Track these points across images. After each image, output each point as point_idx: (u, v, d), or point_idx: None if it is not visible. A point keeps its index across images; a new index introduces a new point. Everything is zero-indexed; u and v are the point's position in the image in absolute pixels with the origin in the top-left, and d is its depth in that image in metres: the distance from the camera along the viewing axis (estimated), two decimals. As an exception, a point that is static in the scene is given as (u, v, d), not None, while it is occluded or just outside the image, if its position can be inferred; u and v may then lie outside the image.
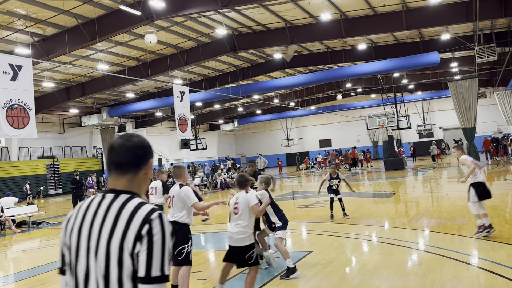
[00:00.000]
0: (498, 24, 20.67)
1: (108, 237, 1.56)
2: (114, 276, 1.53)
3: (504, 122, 32.06)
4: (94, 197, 1.70)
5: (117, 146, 1.72)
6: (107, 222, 1.58)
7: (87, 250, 1.60)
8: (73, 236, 1.67)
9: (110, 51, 20.50)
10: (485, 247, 6.37)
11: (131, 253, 1.52)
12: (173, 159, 41.51)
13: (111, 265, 1.53)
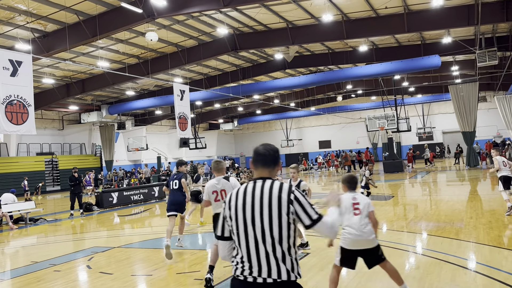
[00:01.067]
0: (499, 29, 20.66)
1: (268, 206, 2.36)
2: (275, 231, 2.33)
3: (504, 127, 32.01)
4: (247, 184, 2.49)
5: (263, 151, 2.57)
6: (264, 197, 2.38)
7: (252, 218, 2.37)
8: (238, 211, 2.42)
9: (110, 48, 20.47)
10: (483, 252, 6.35)
11: (287, 212, 2.35)
12: (172, 158, 41.47)
13: (273, 223, 2.34)
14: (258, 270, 2.33)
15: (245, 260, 2.38)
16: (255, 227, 2.36)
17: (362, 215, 4.40)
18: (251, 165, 2.60)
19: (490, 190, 14.49)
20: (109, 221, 13.63)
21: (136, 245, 9.15)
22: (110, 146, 32.57)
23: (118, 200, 17.62)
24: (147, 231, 11.20)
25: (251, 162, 2.60)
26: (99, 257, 8.03)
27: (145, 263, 7.42)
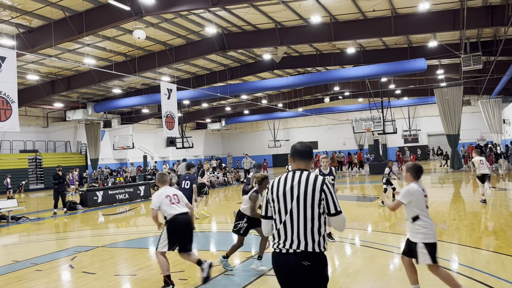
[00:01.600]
0: (484, 33, 20.99)
1: (304, 192, 2.86)
2: (308, 213, 2.84)
3: (487, 130, 32.62)
4: (288, 173, 2.98)
5: (300, 147, 3.06)
6: (301, 185, 2.88)
7: (290, 201, 2.88)
8: (280, 195, 2.93)
9: (97, 45, 20.25)
10: (465, 253, 6.45)
11: (318, 200, 2.85)
12: (158, 157, 41.22)
13: (307, 207, 2.84)
14: (290, 242, 2.84)
15: (281, 234, 2.90)
16: (292, 209, 2.87)
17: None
18: (289, 159, 3.11)
19: (473, 192, 14.71)
20: (93, 220, 13.48)
21: (121, 244, 9.06)
22: (96, 145, 32.21)
23: (103, 199, 17.44)
24: (132, 231, 11.10)
25: (290, 156, 3.11)
26: (82, 256, 7.93)
27: (129, 263, 7.36)
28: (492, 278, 5.16)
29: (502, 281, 5.05)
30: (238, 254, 7.43)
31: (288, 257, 2.83)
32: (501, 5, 16.37)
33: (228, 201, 16.68)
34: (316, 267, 2.80)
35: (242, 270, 6.38)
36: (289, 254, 2.83)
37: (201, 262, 5.65)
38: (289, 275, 2.86)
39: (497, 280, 5.07)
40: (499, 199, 12.56)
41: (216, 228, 10.75)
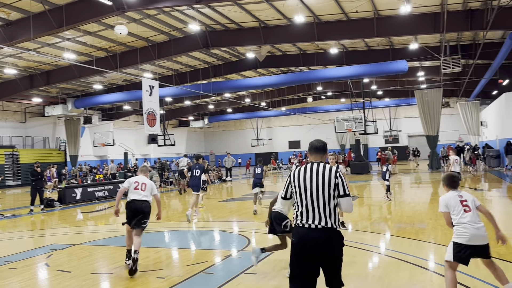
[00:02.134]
0: (463, 37, 21.41)
1: (322, 179, 3.42)
2: (326, 195, 3.39)
3: (465, 132, 33.30)
4: (307, 164, 3.57)
5: (317, 144, 3.66)
6: (319, 173, 3.46)
7: (310, 186, 3.43)
8: (300, 180, 3.50)
9: (78, 40, 19.91)
10: (440, 252, 6.55)
11: (334, 185, 3.41)
12: (139, 154, 40.80)
13: (325, 190, 3.39)
14: (312, 219, 3.38)
15: (304, 213, 3.43)
16: (312, 192, 3.42)
17: (473, 211, 4.42)
18: (308, 153, 3.73)
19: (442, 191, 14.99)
20: (71, 218, 13.25)
21: (99, 242, 8.94)
22: (75, 141, 31.70)
23: (82, 196, 17.17)
24: (111, 228, 10.96)
25: (308, 150, 3.74)
26: (58, 254, 7.79)
27: (107, 260, 7.26)
28: (466, 276, 5.26)
29: (475, 279, 5.15)
30: (220, 253, 7.41)
31: (312, 232, 3.35)
32: (480, 10, 16.71)
33: (210, 199, 16.60)
34: (336, 240, 3.39)
35: (221, 268, 6.36)
36: (313, 229, 3.35)
37: (131, 253, 6.44)
38: (313, 246, 3.32)
39: (471, 279, 5.18)
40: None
41: (195, 226, 10.69)
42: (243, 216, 11.63)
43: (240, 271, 6.03)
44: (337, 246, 3.40)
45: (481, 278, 5.19)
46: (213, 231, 9.74)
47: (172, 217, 12.35)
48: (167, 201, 16.93)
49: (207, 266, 6.39)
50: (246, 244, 7.88)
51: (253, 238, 8.42)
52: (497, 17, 14.99)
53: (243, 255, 7.04)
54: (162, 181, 24.63)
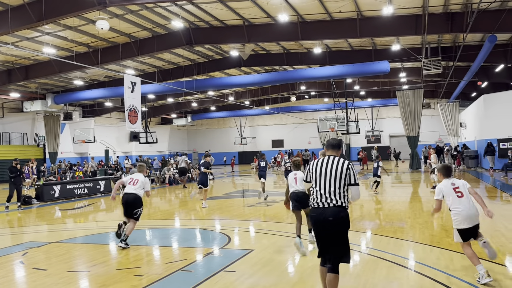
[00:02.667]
0: (444, 39, 21.76)
1: (335, 169, 4.22)
2: (337, 183, 4.19)
3: (445, 133, 33.88)
4: (324, 157, 4.40)
5: (332, 141, 4.51)
6: (334, 165, 4.26)
7: (325, 175, 4.25)
8: (317, 170, 4.32)
9: (58, 34, 19.53)
10: (417, 250, 6.66)
11: (345, 175, 4.22)
12: (121, 152, 40.32)
13: (337, 178, 4.20)
14: (325, 199, 4.23)
15: (319, 196, 4.27)
16: (326, 179, 4.27)
17: (466, 195, 5.08)
18: (325, 148, 4.63)
19: (429, 191, 15.23)
20: (49, 215, 13.00)
21: (77, 240, 8.79)
22: (55, 137, 31.13)
23: (61, 194, 16.87)
24: (90, 226, 10.80)
25: (326, 147, 4.60)
26: (34, 252, 7.64)
27: (84, 258, 7.15)
28: (440, 273, 5.35)
29: (450, 276, 5.24)
30: (200, 251, 7.37)
31: (325, 209, 4.20)
32: (461, 12, 17.02)
33: (188, 198, 16.51)
34: (343, 214, 4.21)
35: (200, 266, 6.32)
36: (326, 208, 4.21)
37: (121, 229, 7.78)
38: (326, 220, 4.17)
39: (446, 276, 5.26)
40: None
41: (179, 224, 10.62)
42: (224, 214, 11.60)
43: (219, 268, 6.00)
44: (342, 221, 4.19)
45: (455, 275, 5.28)
46: (193, 229, 9.69)
47: (154, 215, 12.24)
48: (148, 199, 16.76)
49: (186, 264, 6.34)
50: (227, 242, 7.86)
51: (235, 236, 8.39)
52: (477, 20, 15.28)
53: (223, 253, 7.02)
54: (144, 178, 24.37)
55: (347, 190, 4.28)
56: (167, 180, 23.19)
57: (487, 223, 8.66)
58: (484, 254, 5.47)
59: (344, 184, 4.23)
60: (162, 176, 23.87)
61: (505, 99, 23.21)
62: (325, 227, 4.18)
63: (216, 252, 7.13)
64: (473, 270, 5.18)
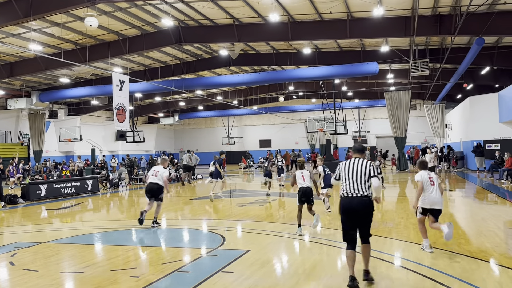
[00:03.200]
0: (432, 41, 22.01)
1: (360, 168, 5.30)
2: (363, 178, 5.25)
3: (431, 134, 34.30)
4: (351, 159, 5.47)
5: (358, 146, 5.65)
6: (359, 164, 5.35)
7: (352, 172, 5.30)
8: (346, 169, 5.38)
9: (44, 31, 19.16)
10: (414, 250, 6.68)
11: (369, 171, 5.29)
12: (107, 151, 39.81)
13: (362, 175, 5.26)
14: (353, 191, 5.21)
15: (348, 188, 5.25)
16: (354, 175, 5.27)
17: (436, 185, 6.56)
18: (351, 152, 5.75)
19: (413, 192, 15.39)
20: (36, 215, 12.73)
21: (66, 240, 8.61)
22: (40, 136, 30.55)
23: (47, 193, 16.55)
24: (78, 226, 10.60)
25: (352, 150, 5.70)
26: (23, 253, 7.45)
27: (76, 259, 6.98)
28: (440, 274, 5.37)
29: (450, 277, 5.26)
30: (196, 251, 7.28)
31: (353, 199, 5.21)
32: (449, 15, 17.21)
33: (180, 197, 16.38)
34: (369, 202, 5.20)
35: (196, 267, 6.23)
36: (354, 197, 5.21)
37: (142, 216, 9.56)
38: (354, 207, 5.19)
39: (445, 277, 5.28)
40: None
41: (171, 224, 10.49)
42: (216, 214, 11.51)
43: (217, 269, 5.92)
44: (368, 207, 5.19)
45: (455, 276, 5.30)
46: (186, 229, 9.58)
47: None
48: (135, 199, 16.57)
49: (182, 265, 6.26)
50: (222, 242, 7.78)
51: (229, 237, 8.31)
52: (465, 23, 15.48)
53: (219, 253, 6.94)
54: (131, 178, 24.09)
55: (369, 185, 5.28)
56: (155, 179, 22.91)
57: (480, 224, 8.77)
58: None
59: (367, 179, 5.26)
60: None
61: (491, 101, 23.60)
62: (354, 213, 5.21)
63: (211, 252, 7.04)
64: (473, 272, 5.21)
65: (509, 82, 24.12)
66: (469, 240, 7.37)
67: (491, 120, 23.43)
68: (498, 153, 20.86)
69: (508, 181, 17.00)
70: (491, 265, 5.83)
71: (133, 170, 24.74)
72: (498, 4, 15.73)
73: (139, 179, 23.70)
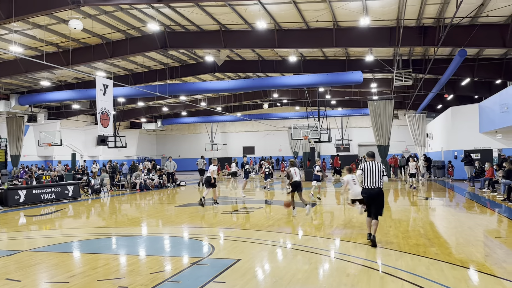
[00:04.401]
0: (415, 52, 22.39)
1: (376, 168, 7.88)
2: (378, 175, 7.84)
3: (412, 143, 34.83)
4: (368, 162, 8.05)
5: (370, 153, 8.41)
6: (375, 166, 7.91)
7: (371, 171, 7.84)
8: (368, 169, 7.88)
9: (26, 33, 18.75)
10: (406, 260, 6.66)
11: (382, 170, 7.96)
12: (88, 156, 39.07)
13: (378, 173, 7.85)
14: (373, 184, 7.72)
15: (369, 182, 7.74)
16: (372, 173, 7.75)
17: (357, 184, 8.87)
18: (367, 157, 8.23)
19: (402, 200, 15.52)
20: (14, 222, 12.31)
21: (48, 248, 8.31)
22: (18, 140, 29.81)
23: (26, 199, 16.07)
24: (60, 234, 10.28)
25: (367, 156, 8.27)
26: (4, 261, 7.15)
27: (60, 268, 6.73)
28: (435, 285, 5.35)
29: (443, 287, 5.24)
30: (185, 260, 7.11)
31: (372, 189, 7.67)
32: (433, 27, 17.55)
33: (163, 205, 16.12)
34: (381, 192, 7.69)
35: (188, 276, 6.07)
36: (373, 188, 7.66)
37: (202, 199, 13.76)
38: (373, 195, 7.69)
39: (439, 286, 5.27)
40: (427, 207, 13.37)
41: (157, 232, 10.27)
42: (203, 222, 11.34)
43: (208, 279, 5.78)
44: (382, 195, 7.77)
45: (450, 286, 5.30)
46: (173, 238, 9.39)
47: (129, 222, 11.80)
48: (117, 205, 16.23)
49: (172, 274, 6.09)
50: (211, 250, 7.64)
51: (218, 245, 8.17)
52: (448, 34, 15.76)
53: (209, 262, 6.80)
54: (113, 184, 23.64)
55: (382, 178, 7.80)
56: (138, 186, 22.57)
57: (468, 234, 8.84)
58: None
59: (381, 175, 7.77)
60: (132, 182, 23.21)
61: (472, 112, 24.09)
62: (373, 198, 7.76)
63: (201, 261, 6.89)
64: (465, 280, 5.21)
65: (488, 93, 24.73)
66: (459, 249, 7.40)
67: (472, 130, 23.91)
68: (478, 163, 21.26)
69: (489, 190, 17.31)
70: (482, 274, 5.85)
71: (115, 176, 24.27)
72: (480, 16, 16.10)
73: (121, 185, 23.27)
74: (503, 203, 13.76)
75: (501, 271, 5.91)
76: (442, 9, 15.95)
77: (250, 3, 16.36)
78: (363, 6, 16.01)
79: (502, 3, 14.76)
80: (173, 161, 25.76)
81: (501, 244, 7.75)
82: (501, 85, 24.21)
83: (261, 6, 16.63)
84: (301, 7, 16.69)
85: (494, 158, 22.74)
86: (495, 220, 10.99)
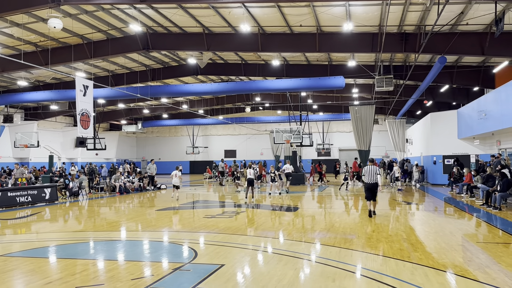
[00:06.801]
0: (396, 58, 22.70)
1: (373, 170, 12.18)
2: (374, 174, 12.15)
3: (392, 148, 35.27)
4: (368, 165, 12.42)
5: (371, 158, 13.11)
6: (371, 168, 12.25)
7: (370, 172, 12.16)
8: (366, 170, 12.24)
9: (3, 31, 18.25)
10: (391, 265, 6.66)
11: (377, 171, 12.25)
12: (66, 158, 38.25)
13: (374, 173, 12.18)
14: (370, 180, 12.07)
15: (368, 179, 12.09)
16: (371, 173, 12.04)
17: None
18: (368, 162, 12.65)
19: (384, 204, 15.63)
20: (-12, 226, 11.88)
21: (23, 253, 8.03)
22: (-7, 141, 28.92)
23: (1, 202, 15.57)
24: (35, 238, 9.95)
25: (368, 161, 12.76)
26: (-23, 268, 6.85)
27: (36, 274, 6.48)
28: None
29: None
30: (167, 265, 6.95)
31: (370, 183, 12.08)
32: (414, 34, 17.82)
33: (143, 208, 15.84)
34: (376, 185, 12.15)
35: (170, 283, 5.92)
36: (371, 183, 12.06)
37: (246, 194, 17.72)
38: (370, 188, 12.12)
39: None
40: (408, 212, 13.49)
41: (126, 235, 10.05)
42: (185, 226, 11.16)
43: (192, 285, 5.65)
44: (376, 187, 12.07)
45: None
46: (154, 242, 9.19)
47: (107, 226, 11.53)
48: (96, 208, 15.88)
49: (155, 280, 5.94)
50: (194, 256, 7.49)
51: (201, 250, 8.03)
52: (429, 41, 16.05)
53: (192, 268, 6.66)
54: (92, 187, 23.16)
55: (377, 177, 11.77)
56: (117, 188, 22.16)
57: (449, 238, 8.93)
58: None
59: (376, 174, 11.75)
60: (111, 184, 22.77)
61: (451, 118, 24.54)
62: (370, 188, 11.95)
63: (184, 267, 6.75)
64: (449, 285, 5.22)
65: (466, 100, 25.27)
66: (442, 254, 7.44)
67: (450, 136, 24.35)
68: (456, 168, 21.63)
69: (467, 195, 17.61)
70: (466, 280, 5.89)
71: (94, 178, 23.79)
72: (460, 24, 16.43)
73: (100, 187, 22.80)
74: (481, 208, 14.00)
75: (484, 276, 5.96)
76: (423, 16, 16.21)
77: (234, 6, 16.30)
78: (347, 11, 16.15)
79: (481, 12, 15.09)
80: (155, 164, 25.46)
81: (483, 250, 7.84)
82: (478, 92, 24.80)
83: (245, 9, 16.60)
84: (285, 11, 16.73)
85: (471, 164, 23.19)
86: (474, 225, 11.15)
